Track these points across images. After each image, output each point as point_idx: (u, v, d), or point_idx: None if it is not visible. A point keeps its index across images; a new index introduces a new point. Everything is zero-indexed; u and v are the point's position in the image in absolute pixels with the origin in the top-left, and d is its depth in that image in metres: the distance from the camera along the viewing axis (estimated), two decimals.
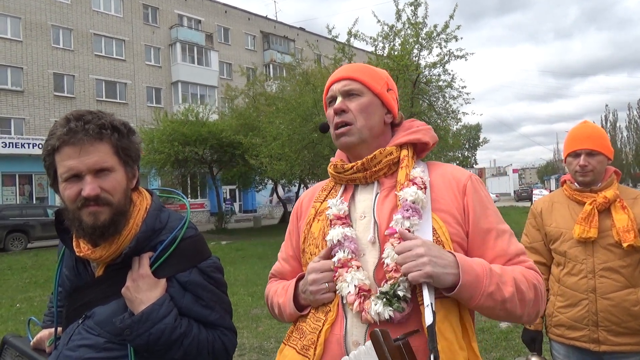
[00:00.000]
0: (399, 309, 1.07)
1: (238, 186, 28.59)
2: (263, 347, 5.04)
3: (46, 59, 27.13)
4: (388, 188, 1.24)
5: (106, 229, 1.23)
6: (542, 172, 77.94)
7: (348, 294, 1.12)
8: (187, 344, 1.27)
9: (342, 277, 1.14)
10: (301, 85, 17.45)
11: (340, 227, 1.20)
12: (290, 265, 1.41)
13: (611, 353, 2.12)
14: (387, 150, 1.26)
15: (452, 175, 1.25)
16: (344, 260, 1.16)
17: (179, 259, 1.31)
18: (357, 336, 1.11)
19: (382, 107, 1.31)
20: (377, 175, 1.26)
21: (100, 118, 1.25)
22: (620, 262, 2.10)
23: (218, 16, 36.23)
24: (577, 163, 2.22)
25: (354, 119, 1.26)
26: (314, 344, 1.15)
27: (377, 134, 1.29)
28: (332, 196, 1.32)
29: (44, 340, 1.55)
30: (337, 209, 1.24)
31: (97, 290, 1.31)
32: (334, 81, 1.33)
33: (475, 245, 1.18)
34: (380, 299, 1.09)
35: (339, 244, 1.18)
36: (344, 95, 1.29)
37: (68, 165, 1.21)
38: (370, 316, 1.09)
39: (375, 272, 1.15)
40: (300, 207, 1.44)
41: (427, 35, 15.00)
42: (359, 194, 1.28)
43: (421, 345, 1.03)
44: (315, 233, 1.28)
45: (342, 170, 1.29)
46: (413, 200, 1.15)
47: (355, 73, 1.31)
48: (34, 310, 7.24)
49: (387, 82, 1.33)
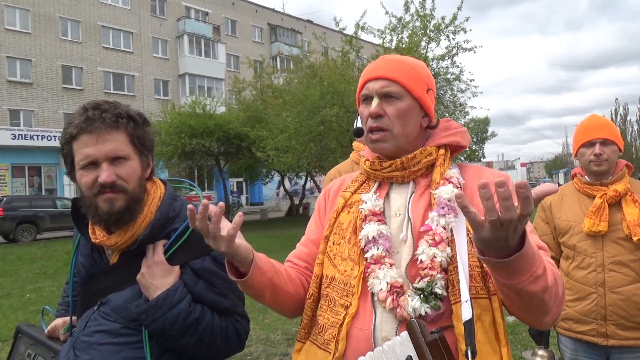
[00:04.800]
0: (435, 307, 1.07)
1: (245, 179, 28.67)
2: (269, 338, 5.08)
3: (54, 51, 27.25)
4: (423, 187, 1.22)
5: (121, 215, 1.26)
6: (550, 166, 77.38)
7: (380, 290, 1.11)
8: (201, 329, 1.29)
9: (375, 273, 1.13)
10: (308, 78, 17.41)
11: (375, 224, 1.19)
12: (308, 249, 1.37)
13: (619, 347, 2.12)
14: (427, 151, 1.23)
15: (487, 178, 1.18)
16: (377, 257, 1.15)
17: (192, 247, 1.33)
18: (387, 332, 1.10)
19: (420, 110, 1.24)
20: (414, 174, 1.24)
21: (116, 107, 1.29)
22: (631, 256, 2.10)
23: (225, 8, 36.16)
24: (592, 152, 2.20)
25: (390, 125, 1.20)
26: (335, 338, 1.14)
27: (412, 140, 1.25)
28: (365, 190, 1.29)
29: (58, 328, 1.58)
30: (372, 205, 1.22)
31: (112, 277, 1.34)
32: (371, 78, 1.24)
33: None
34: (416, 294, 1.09)
35: (373, 241, 1.17)
36: (381, 97, 1.22)
37: (85, 152, 1.24)
38: (406, 312, 1.08)
39: (408, 268, 1.14)
40: (327, 195, 1.41)
41: (435, 28, 14.92)
42: (393, 192, 1.26)
43: (452, 344, 1.00)
44: (344, 224, 1.26)
45: (379, 168, 1.26)
46: (449, 199, 1.14)
47: (396, 74, 1.22)
48: (43, 301, 7.33)
49: (427, 81, 1.26)
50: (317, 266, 1.28)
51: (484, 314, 1.09)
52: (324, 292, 1.24)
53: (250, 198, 35.86)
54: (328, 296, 1.22)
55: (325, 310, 1.21)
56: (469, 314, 1.00)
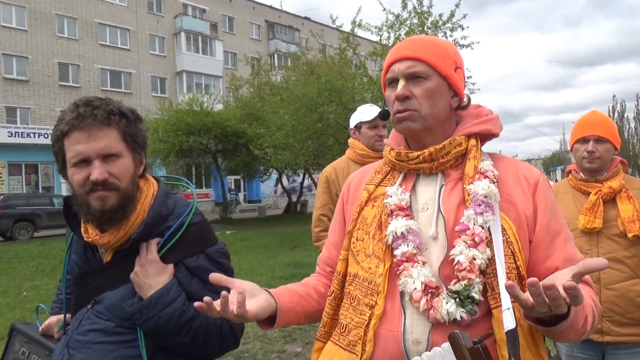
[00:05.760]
0: (472, 312, 1.01)
1: (243, 176, 28.66)
2: (267, 335, 5.08)
3: (51, 48, 27.13)
4: (454, 180, 1.15)
5: (114, 213, 1.25)
6: (547, 163, 77.43)
7: (414, 290, 1.04)
8: (195, 327, 1.29)
9: (408, 271, 1.06)
10: (306, 76, 17.38)
11: (403, 219, 1.12)
12: (329, 253, 1.35)
13: (615, 344, 2.12)
14: (457, 141, 1.15)
15: (522, 173, 1.18)
16: (409, 255, 1.08)
17: (186, 245, 1.32)
18: (418, 334, 1.04)
19: (449, 90, 1.17)
20: (443, 166, 1.16)
21: (108, 104, 1.27)
22: (625, 252, 2.10)
23: (223, 5, 36.04)
24: (585, 149, 2.21)
25: (418, 106, 1.13)
26: (362, 340, 1.08)
27: (442, 121, 1.18)
28: (389, 182, 1.22)
29: (53, 326, 1.57)
30: (399, 199, 1.15)
31: (106, 275, 1.33)
32: (395, 59, 1.17)
33: (543, 246, 1.11)
34: (452, 297, 1.02)
35: (402, 237, 1.10)
36: (407, 79, 1.15)
37: (77, 150, 1.23)
38: (439, 315, 1.02)
39: (441, 269, 1.07)
40: (347, 190, 1.35)
41: (432, 25, 14.87)
42: (420, 184, 1.18)
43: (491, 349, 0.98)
44: (368, 219, 1.20)
45: (405, 159, 1.18)
46: (485, 195, 1.07)
47: (421, 52, 1.14)
48: (40, 298, 7.31)
49: (455, 59, 1.18)
50: (340, 263, 1.23)
51: (522, 319, 1.03)
52: (346, 289, 1.19)
53: (248, 195, 35.84)
54: (351, 294, 1.17)
55: (348, 309, 1.16)
56: (512, 323, 0.95)
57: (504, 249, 1.04)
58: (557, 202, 2.31)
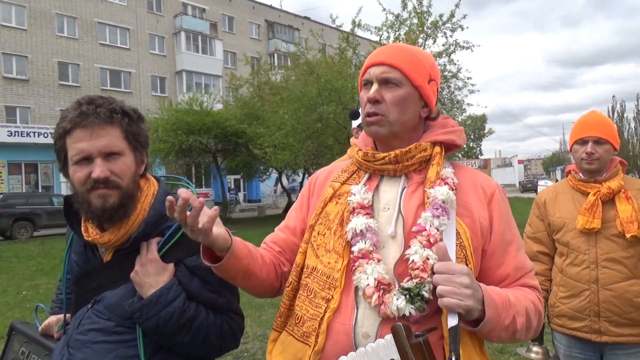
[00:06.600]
0: (420, 309, 1.06)
1: (242, 176, 28.65)
2: (266, 335, 5.08)
3: (51, 47, 27.12)
4: (416, 183, 1.21)
5: (115, 211, 1.25)
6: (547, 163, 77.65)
7: (367, 286, 1.09)
8: (195, 327, 1.29)
9: (362, 268, 1.11)
10: (305, 75, 17.38)
11: (363, 217, 1.16)
12: (284, 234, 1.38)
13: (612, 344, 2.13)
14: (422, 146, 1.21)
15: (480, 182, 1.24)
16: (365, 251, 1.13)
17: (187, 244, 1.32)
18: (367, 328, 1.08)
19: (419, 100, 1.23)
20: (407, 169, 1.22)
21: (111, 103, 1.28)
22: (624, 253, 2.10)
23: (222, 5, 36.04)
24: (584, 150, 2.21)
25: (387, 111, 1.19)
26: (315, 331, 1.13)
27: (409, 128, 1.24)
28: (354, 181, 1.27)
29: (52, 326, 1.57)
30: (361, 197, 1.20)
31: (106, 275, 1.33)
32: (373, 63, 1.23)
33: (497, 255, 1.18)
34: (402, 294, 1.07)
35: (361, 234, 1.14)
36: (380, 83, 1.21)
37: (79, 147, 1.23)
38: (390, 310, 1.06)
39: (396, 267, 1.12)
40: (314, 183, 1.39)
41: (432, 25, 14.89)
42: (383, 185, 1.24)
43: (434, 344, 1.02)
44: (331, 215, 1.24)
45: (372, 159, 1.24)
46: (443, 200, 1.13)
47: (397, 60, 1.20)
48: (40, 298, 7.31)
49: (430, 71, 1.24)
50: (299, 255, 1.27)
51: None
52: (303, 282, 1.23)
53: (248, 195, 35.84)
54: (307, 286, 1.21)
55: (304, 301, 1.20)
56: (455, 320, 1.00)
57: (456, 252, 1.10)
58: (556, 202, 2.34)
